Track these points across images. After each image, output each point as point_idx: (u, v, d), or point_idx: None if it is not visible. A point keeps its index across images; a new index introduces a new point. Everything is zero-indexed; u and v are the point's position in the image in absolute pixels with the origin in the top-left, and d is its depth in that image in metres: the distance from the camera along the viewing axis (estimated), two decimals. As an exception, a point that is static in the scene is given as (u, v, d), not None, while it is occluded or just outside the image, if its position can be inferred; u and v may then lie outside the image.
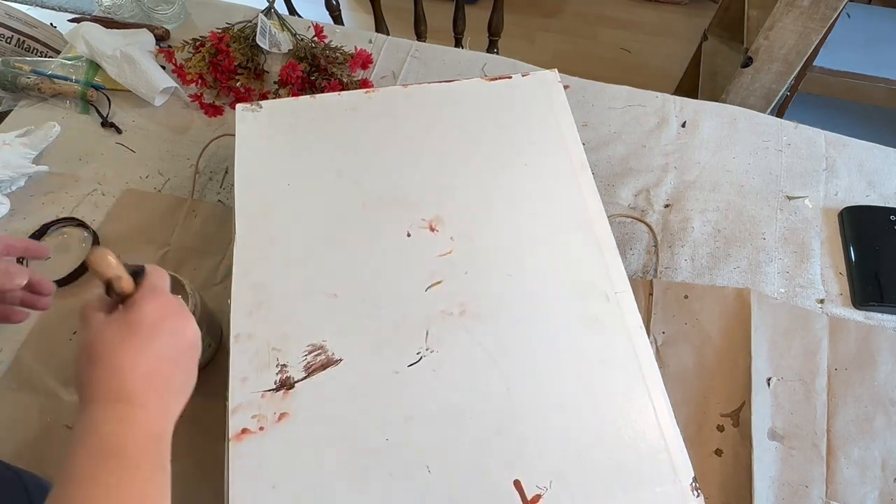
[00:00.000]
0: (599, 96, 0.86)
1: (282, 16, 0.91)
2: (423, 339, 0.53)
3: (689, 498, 0.47)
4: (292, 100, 0.70)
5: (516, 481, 0.47)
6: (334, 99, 0.70)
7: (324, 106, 0.69)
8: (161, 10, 0.94)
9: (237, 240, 0.58)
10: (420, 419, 0.49)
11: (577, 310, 0.55)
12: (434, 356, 0.52)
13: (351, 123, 0.67)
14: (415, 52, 0.92)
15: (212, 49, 0.84)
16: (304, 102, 0.69)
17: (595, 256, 0.58)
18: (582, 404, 0.51)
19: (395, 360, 0.52)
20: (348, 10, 2.20)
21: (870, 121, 1.68)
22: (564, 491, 0.47)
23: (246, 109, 0.68)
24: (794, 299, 0.69)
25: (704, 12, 1.94)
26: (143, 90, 0.83)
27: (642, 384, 0.52)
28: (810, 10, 1.10)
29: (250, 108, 0.68)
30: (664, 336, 0.65)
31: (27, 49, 1.04)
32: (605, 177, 0.78)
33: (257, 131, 0.66)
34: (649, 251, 0.72)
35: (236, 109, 0.68)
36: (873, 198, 0.77)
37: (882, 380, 0.63)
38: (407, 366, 0.52)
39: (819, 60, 1.35)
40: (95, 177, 0.78)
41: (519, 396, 0.51)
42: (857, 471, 0.59)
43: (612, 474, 0.48)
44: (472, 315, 0.54)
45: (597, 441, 0.49)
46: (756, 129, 0.83)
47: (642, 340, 0.54)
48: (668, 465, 0.48)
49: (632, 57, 2.05)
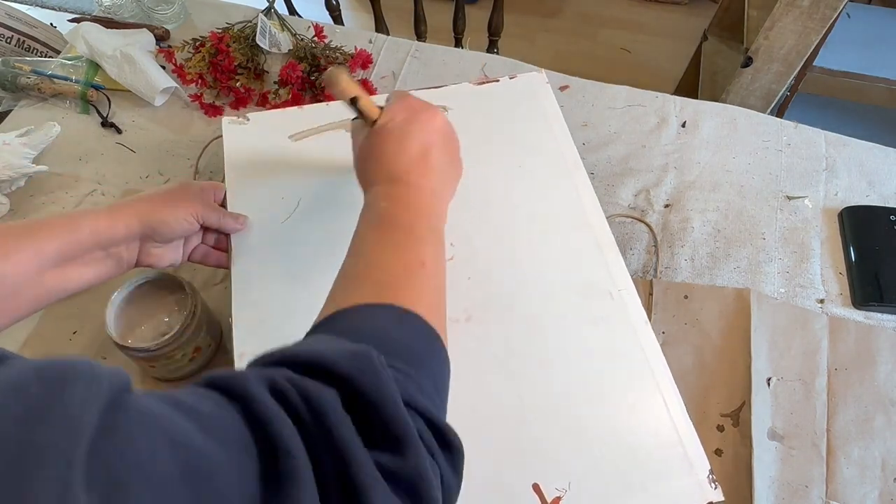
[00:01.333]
0: (599, 96, 0.86)
1: (282, 16, 0.91)
2: None
3: (706, 490, 0.47)
4: (279, 112, 0.70)
5: (535, 485, 0.47)
6: (322, 109, 0.69)
7: (311, 117, 0.68)
8: (161, 10, 0.94)
9: (234, 258, 0.58)
10: None
11: (582, 310, 0.55)
12: None
13: (341, 133, 0.67)
14: (415, 52, 0.92)
15: (212, 49, 0.84)
16: (292, 114, 0.68)
17: (595, 255, 0.58)
18: (593, 403, 0.51)
19: None
20: (348, 10, 2.20)
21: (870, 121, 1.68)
22: (584, 491, 0.47)
23: (233, 122, 0.67)
24: (794, 299, 0.69)
25: (704, 12, 1.94)
26: (143, 90, 0.83)
27: (652, 379, 0.52)
28: (810, 10, 1.10)
29: (237, 121, 0.67)
30: (664, 336, 0.65)
31: (27, 49, 1.04)
32: (605, 177, 0.78)
33: (246, 145, 0.66)
34: (649, 251, 0.72)
35: (223, 123, 0.67)
36: (873, 198, 0.77)
37: (882, 380, 0.63)
38: None
39: (819, 60, 1.35)
40: (95, 177, 0.78)
41: (531, 400, 0.51)
42: (856, 471, 0.59)
43: (629, 471, 0.48)
44: (479, 321, 0.54)
45: (612, 439, 0.49)
46: (756, 129, 0.83)
47: (649, 336, 0.54)
48: (684, 459, 0.48)
49: (632, 57, 2.05)
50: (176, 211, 0.52)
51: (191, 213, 0.53)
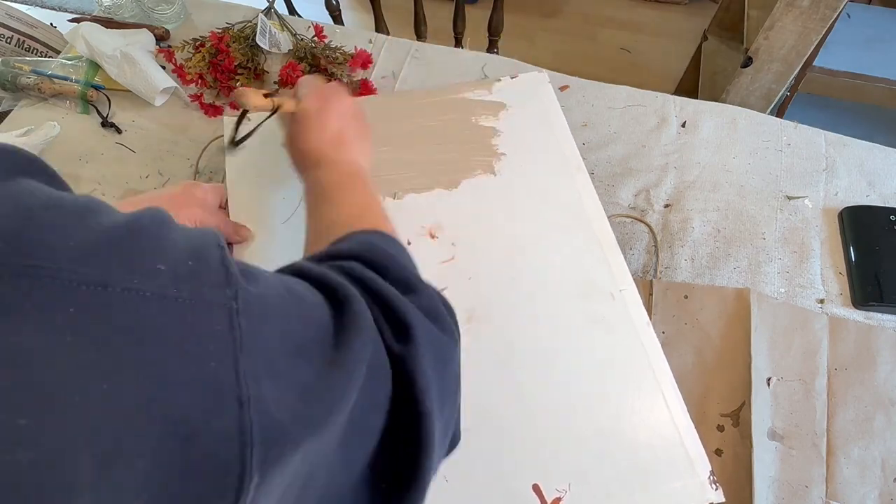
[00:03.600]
0: (599, 96, 0.86)
1: (282, 16, 0.91)
2: None
3: (707, 491, 0.47)
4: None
5: (535, 485, 0.47)
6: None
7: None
8: (161, 10, 0.94)
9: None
10: None
11: (583, 310, 0.55)
12: None
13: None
14: (415, 52, 0.92)
15: (212, 49, 0.84)
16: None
17: (596, 255, 0.58)
18: (595, 403, 0.51)
19: None
20: (348, 10, 2.20)
21: (870, 121, 1.68)
22: (584, 491, 0.47)
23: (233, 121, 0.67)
24: (794, 299, 0.69)
25: (704, 12, 1.94)
26: (143, 90, 0.83)
27: (653, 379, 0.52)
28: (810, 10, 1.10)
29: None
30: (664, 336, 0.65)
31: (27, 49, 1.04)
32: (605, 177, 0.78)
33: (246, 144, 0.66)
34: (649, 251, 0.72)
35: (224, 120, 0.67)
36: (873, 198, 0.77)
37: (882, 380, 0.63)
38: None
39: (819, 60, 1.35)
40: (95, 177, 0.78)
41: (532, 399, 0.51)
42: (856, 471, 0.59)
43: (629, 472, 0.48)
44: (480, 320, 0.54)
45: (612, 439, 0.49)
46: (756, 129, 0.83)
47: (650, 336, 0.54)
48: (685, 460, 0.48)
49: (632, 57, 2.05)
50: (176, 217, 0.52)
51: (191, 221, 0.53)
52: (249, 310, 0.24)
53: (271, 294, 0.27)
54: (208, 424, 0.22)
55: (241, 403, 0.22)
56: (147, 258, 0.23)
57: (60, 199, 0.23)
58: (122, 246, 0.23)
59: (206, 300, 0.23)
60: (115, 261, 0.22)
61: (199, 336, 0.23)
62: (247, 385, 0.23)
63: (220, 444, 0.22)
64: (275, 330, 0.26)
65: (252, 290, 0.25)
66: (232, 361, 0.23)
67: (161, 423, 0.21)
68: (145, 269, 0.22)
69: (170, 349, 0.22)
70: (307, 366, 0.26)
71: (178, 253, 0.24)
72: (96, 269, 0.21)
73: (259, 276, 0.28)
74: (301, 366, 0.26)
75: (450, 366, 0.35)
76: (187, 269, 0.24)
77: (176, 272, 0.23)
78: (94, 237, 0.22)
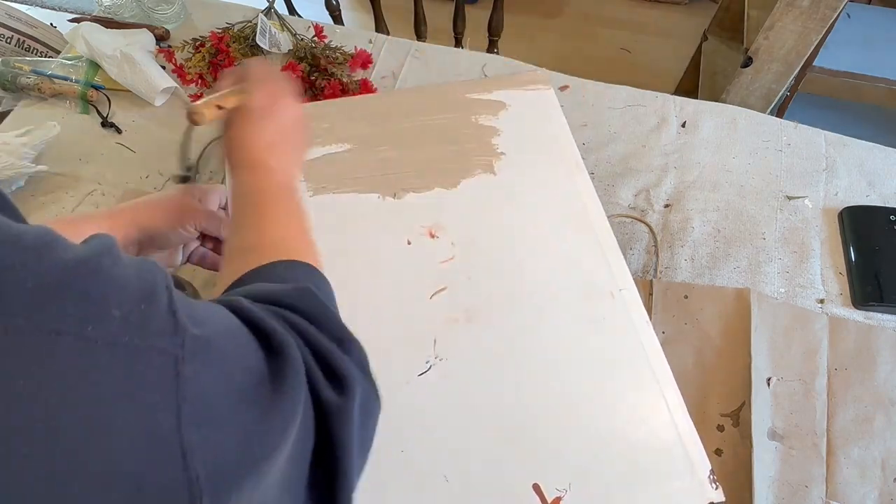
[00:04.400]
0: (599, 96, 0.86)
1: (282, 16, 0.91)
2: (431, 348, 0.53)
3: (707, 491, 0.47)
4: None
5: (535, 485, 0.47)
6: (321, 108, 0.69)
7: (312, 116, 0.68)
8: (161, 10, 0.94)
9: None
10: (433, 429, 0.49)
11: (583, 309, 0.55)
12: (443, 364, 0.52)
13: (342, 133, 0.66)
14: (415, 52, 0.92)
15: (212, 49, 0.84)
16: None
17: (596, 255, 0.58)
18: (595, 403, 0.51)
19: (405, 370, 0.52)
20: (348, 10, 2.20)
21: (870, 121, 1.68)
22: (584, 491, 0.47)
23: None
24: (794, 299, 0.69)
25: (704, 12, 1.94)
26: (143, 90, 0.83)
27: (653, 379, 0.52)
28: (810, 10, 1.10)
29: None
30: (664, 336, 0.65)
31: (27, 49, 1.04)
32: (605, 177, 0.78)
33: None
34: (649, 251, 0.72)
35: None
36: (873, 198, 0.77)
37: (882, 380, 0.63)
38: (417, 375, 0.51)
39: (819, 60, 1.35)
40: (95, 177, 0.78)
41: (531, 400, 0.50)
42: (856, 471, 0.59)
43: (629, 472, 0.48)
44: (479, 320, 0.54)
45: (612, 439, 0.49)
46: (756, 129, 0.83)
47: (649, 336, 0.54)
48: (685, 460, 0.48)
49: (632, 57, 2.05)
50: (175, 222, 0.53)
51: (190, 224, 0.53)
52: (194, 357, 0.24)
53: (215, 337, 0.27)
54: (155, 476, 0.22)
55: (183, 453, 0.23)
56: (101, 303, 0.23)
57: (20, 233, 0.23)
58: (78, 288, 0.22)
59: (155, 347, 0.23)
60: (69, 305, 0.22)
61: (146, 386, 0.23)
62: (189, 433, 0.23)
63: (170, 494, 0.22)
64: (219, 374, 0.26)
65: (197, 334, 0.25)
66: (175, 410, 0.23)
67: (111, 476, 0.21)
68: (100, 316, 0.22)
69: (117, 400, 0.22)
70: (248, 409, 0.27)
71: (130, 294, 0.24)
72: (52, 316, 0.21)
73: (205, 316, 0.28)
74: (242, 410, 0.26)
75: (372, 415, 0.36)
76: (139, 316, 0.24)
77: (128, 319, 0.23)
78: (52, 279, 0.22)
